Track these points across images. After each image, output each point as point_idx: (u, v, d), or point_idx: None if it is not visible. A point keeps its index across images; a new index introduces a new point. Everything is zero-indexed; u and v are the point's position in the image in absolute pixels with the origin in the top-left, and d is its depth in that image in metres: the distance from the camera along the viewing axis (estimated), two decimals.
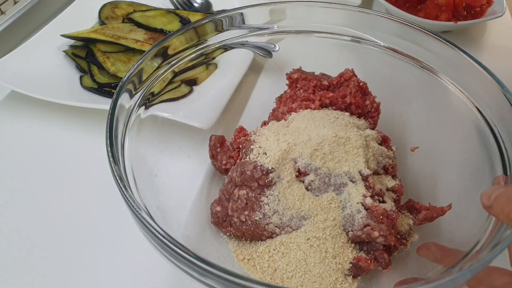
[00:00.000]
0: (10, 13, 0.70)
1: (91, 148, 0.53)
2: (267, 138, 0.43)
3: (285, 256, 0.39)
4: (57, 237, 0.45)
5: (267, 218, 0.40)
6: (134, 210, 0.32)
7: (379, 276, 0.41)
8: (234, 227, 0.42)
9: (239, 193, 0.41)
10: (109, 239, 0.45)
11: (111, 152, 0.36)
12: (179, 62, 0.50)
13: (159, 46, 0.46)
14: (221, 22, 0.51)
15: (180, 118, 0.51)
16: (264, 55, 0.57)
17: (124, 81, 0.41)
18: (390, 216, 0.39)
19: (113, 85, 0.59)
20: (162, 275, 0.42)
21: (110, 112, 0.38)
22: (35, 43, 0.62)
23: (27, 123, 0.57)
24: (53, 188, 0.49)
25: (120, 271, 0.42)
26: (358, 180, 0.41)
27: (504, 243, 0.31)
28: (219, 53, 0.60)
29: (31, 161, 0.52)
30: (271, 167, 0.40)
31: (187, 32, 0.49)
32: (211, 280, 0.29)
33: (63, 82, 0.60)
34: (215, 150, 0.47)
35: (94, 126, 0.56)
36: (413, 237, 0.42)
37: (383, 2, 0.72)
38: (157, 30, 0.65)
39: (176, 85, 0.56)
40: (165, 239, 0.30)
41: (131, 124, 0.42)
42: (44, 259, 0.43)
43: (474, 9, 0.71)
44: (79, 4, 0.70)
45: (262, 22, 0.53)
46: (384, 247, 0.40)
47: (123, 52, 0.62)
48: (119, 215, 0.46)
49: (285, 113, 0.48)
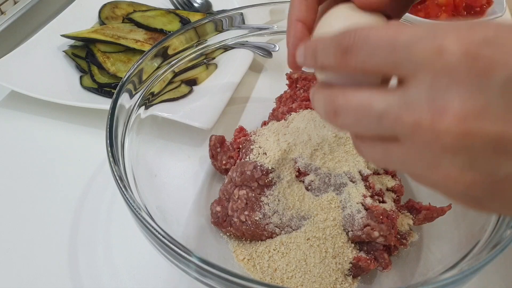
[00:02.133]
0: (10, 13, 0.70)
1: (91, 148, 0.53)
2: (267, 138, 0.43)
3: (285, 256, 0.39)
4: (57, 237, 0.45)
5: (267, 218, 0.40)
6: (134, 210, 0.32)
7: (379, 276, 0.41)
8: (234, 227, 0.42)
9: (239, 193, 0.41)
10: (109, 239, 0.45)
11: (111, 152, 0.36)
12: (179, 62, 0.50)
13: (159, 46, 0.46)
14: (221, 22, 0.51)
15: (180, 118, 0.51)
16: (264, 55, 0.57)
17: (124, 81, 0.41)
18: (390, 216, 0.39)
19: (113, 85, 0.59)
20: (162, 275, 0.42)
21: (110, 112, 0.38)
22: (35, 43, 0.62)
23: (27, 123, 0.57)
24: (53, 188, 0.49)
25: (120, 271, 0.42)
26: (358, 180, 0.41)
27: (504, 243, 0.31)
28: (219, 53, 0.60)
29: (31, 161, 0.52)
30: (271, 167, 0.40)
31: (187, 32, 0.49)
32: (211, 280, 0.29)
33: (63, 82, 0.60)
34: (215, 150, 0.47)
35: (94, 126, 0.56)
36: (413, 237, 0.42)
37: None
38: (157, 30, 0.65)
39: (176, 85, 0.56)
40: (165, 239, 0.30)
41: (131, 124, 0.42)
42: (44, 259, 0.43)
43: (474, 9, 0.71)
44: (79, 4, 0.70)
45: (262, 22, 0.53)
46: (384, 247, 0.40)
47: (123, 52, 0.62)
48: (119, 215, 0.47)
49: (285, 113, 0.48)
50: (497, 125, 0.19)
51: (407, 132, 0.21)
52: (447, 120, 0.19)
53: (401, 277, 0.40)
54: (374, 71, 0.22)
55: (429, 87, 0.20)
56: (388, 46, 0.21)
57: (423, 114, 0.20)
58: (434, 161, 0.20)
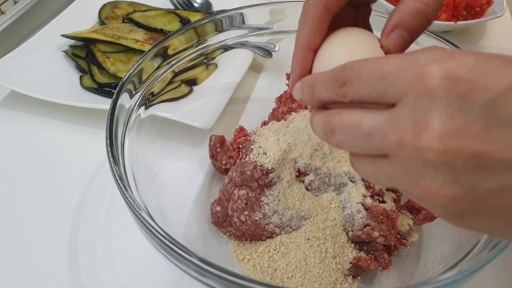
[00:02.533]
0: (10, 13, 0.70)
1: (91, 148, 0.53)
2: (267, 138, 0.43)
3: (285, 256, 0.39)
4: (57, 236, 0.45)
5: (267, 218, 0.40)
6: (134, 210, 0.32)
7: (379, 276, 0.41)
8: (234, 227, 0.42)
9: (239, 193, 0.41)
10: (109, 239, 0.45)
11: (111, 152, 0.36)
12: (179, 62, 0.50)
13: (159, 46, 0.46)
14: (221, 22, 0.51)
15: (180, 118, 0.50)
16: (264, 55, 0.57)
17: (124, 81, 0.41)
18: (390, 216, 0.39)
19: (113, 85, 0.59)
20: (162, 275, 0.42)
21: (110, 112, 0.38)
22: (35, 43, 0.62)
23: (27, 123, 0.57)
24: (53, 188, 0.49)
25: (120, 271, 0.42)
26: (358, 180, 0.41)
27: (504, 243, 0.31)
28: (219, 53, 0.60)
29: (31, 161, 0.52)
30: (271, 167, 0.40)
31: (187, 32, 0.49)
32: (211, 280, 0.30)
33: (63, 82, 0.60)
34: (215, 150, 0.47)
35: (94, 126, 0.56)
36: (413, 237, 0.42)
37: (383, 2, 0.72)
38: (157, 30, 0.65)
39: (176, 85, 0.56)
40: (165, 239, 0.30)
41: (131, 124, 0.42)
42: (44, 259, 0.43)
43: (474, 9, 0.71)
44: (79, 4, 0.70)
45: (262, 22, 0.53)
46: (384, 247, 0.40)
47: (123, 52, 0.62)
48: (119, 215, 0.47)
49: (285, 113, 0.48)
50: (476, 144, 0.20)
51: (393, 149, 0.22)
52: (428, 137, 0.21)
53: (401, 277, 0.40)
54: (366, 100, 0.24)
55: (413, 108, 0.21)
56: (377, 76, 0.23)
57: (407, 131, 0.21)
58: (417, 176, 0.22)
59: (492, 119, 0.20)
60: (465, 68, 0.20)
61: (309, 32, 0.29)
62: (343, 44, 0.29)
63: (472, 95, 0.20)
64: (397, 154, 0.22)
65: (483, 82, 0.20)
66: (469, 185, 0.21)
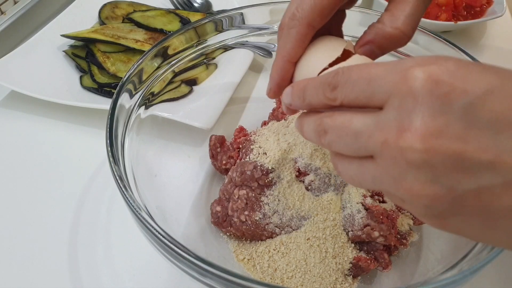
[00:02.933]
0: (10, 13, 0.70)
1: (91, 148, 0.53)
2: (267, 138, 0.43)
3: (285, 256, 0.39)
4: (56, 236, 0.45)
5: (267, 218, 0.40)
6: (134, 210, 0.32)
7: (379, 276, 0.41)
8: (234, 227, 0.42)
9: (239, 193, 0.41)
10: (109, 239, 0.45)
11: (111, 152, 0.36)
12: (179, 62, 0.50)
13: (159, 46, 0.46)
14: (221, 22, 0.51)
15: (180, 118, 0.51)
16: (264, 55, 0.57)
17: (124, 81, 0.41)
18: (390, 216, 0.39)
19: (113, 85, 0.59)
20: (162, 275, 0.42)
21: (110, 112, 0.38)
22: (35, 43, 0.62)
23: (27, 123, 0.57)
24: (53, 188, 0.49)
25: (120, 271, 0.42)
26: None
27: None
28: (219, 53, 0.60)
29: (31, 161, 0.52)
30: (271, 167, 0.40)
31: (187, 32, 0.49)
32: (211, 280, 0.29)
33: (63, 82, 0.60)
34: (215, 150, 0.47)
35: (94, 126, 0.56)
36: (413, 237, 0.42)
37: (383, 2, 0.72)
38: (157, 30, 0.65)
39: (176, 85, 0.56)
40: (165, 239, 0.30)
41: (131, 124, 0.42)
42: (44, 259, 0.43)
43: (474, 9, 0.71)
44: (79, 4, 0.70)
45: (262, 22, 0.53)
46: (384, 247, 0.40)
47: (123, 52, 0.62)
48: (119, 215, 0.47)
49: (285, 113, 0.48)
50: (456, 144, 0.21)
51: (377, 149, 0.23)
52: (410, 137, 0.21)
53: (401, 277, 0.40)
54: (355, 103, 0.24)
55: (397, 108, 0.22)
56: (365, 79, 0.24)
57: (391, 132, 0.22)
58: (400, 176, 0.22)
59: (471, 120, 0.20)
60: (446, 72, 0.21)
61: (291, 47, 0.31)
62: (322, 54, 0.31)
63: (452, 97, 0.21)
64: (381, 155, 0.23)
65: (463, 85, 0.21)
66: (448, 184, 0.21)
